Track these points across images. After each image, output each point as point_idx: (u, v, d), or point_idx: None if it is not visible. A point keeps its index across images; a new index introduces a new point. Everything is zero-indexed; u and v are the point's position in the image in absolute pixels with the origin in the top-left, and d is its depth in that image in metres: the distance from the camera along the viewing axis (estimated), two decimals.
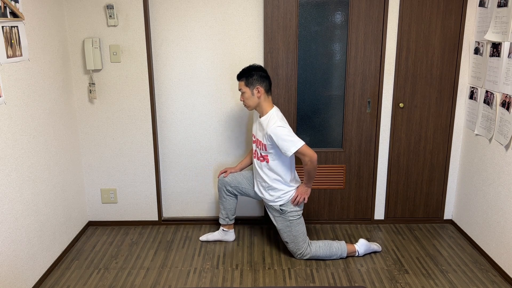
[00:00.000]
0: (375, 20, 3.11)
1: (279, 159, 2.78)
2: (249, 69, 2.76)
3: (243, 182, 3.04)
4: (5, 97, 2.36)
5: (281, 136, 2.65)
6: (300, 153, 2.66)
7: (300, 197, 2.82)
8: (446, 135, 3.31)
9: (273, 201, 2.87)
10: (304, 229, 2.89)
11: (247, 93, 2.75)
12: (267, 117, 2.75)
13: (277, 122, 2.67)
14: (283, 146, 2.66)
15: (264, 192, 2.90)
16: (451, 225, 3.46)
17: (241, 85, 2.76)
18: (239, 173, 3.08)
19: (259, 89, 2.73)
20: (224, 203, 3.08)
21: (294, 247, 2.90)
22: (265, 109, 2.78)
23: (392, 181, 3.39)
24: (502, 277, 2.75)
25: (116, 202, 3.45)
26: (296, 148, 2.64)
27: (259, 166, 2.87)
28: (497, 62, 2.77)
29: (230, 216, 3.11)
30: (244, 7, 3.11)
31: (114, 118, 3.28)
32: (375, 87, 3.23)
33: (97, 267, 2.89)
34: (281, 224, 2.89)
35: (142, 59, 3.16)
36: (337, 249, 2.91)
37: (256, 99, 2.75)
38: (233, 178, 3.05)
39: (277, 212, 2.89)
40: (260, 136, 2.81)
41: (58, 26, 2.98)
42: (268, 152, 2.78)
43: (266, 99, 2.77)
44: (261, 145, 2.80)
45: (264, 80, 2.75)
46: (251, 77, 2.73)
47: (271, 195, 2.87)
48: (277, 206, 2.86)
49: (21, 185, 2.51)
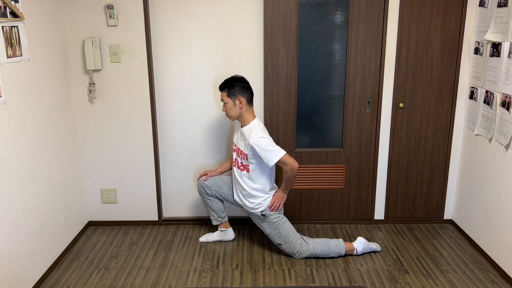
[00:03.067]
0: (375, 20, 3.11)
1: (260, 168, 2.83)
2: (231, 80, 2.82)
3: (223, 188, 3.06)
4: (5, 97, 2.36)
5: (263, 146, 2.70)
6: (282, 162, 2.72)
7: (277, 202, 2.88)
8: (446, 135, 3.31)
9: (253, 208, 2.91)
10: (291, 226, 2.92)
11: (229, 103, 2.80)
12: (249, 127, 2.80)
13: (258, 133, 2.73)
14: (265, 156, 2.71)
15: (244, 200, 2.94)
16: (451, 225, 3.46)
17: (223, 95, 2.82)
18: (219, 177, 3.10)
19: (241, 99, 2.78)
20: (210, 204, 3.09)
21: (288, 247, 2.91)
22: (247, 120, 2.82)
23: (392, 181, 3.40)
24: (502, 277, 2.75)
25: (116, 202, 3.45)
26: (278, 157, 2.70)
27: (239, 175, 2.90)
28: (497, 62, 2.77)
29: (221, 214, 3.12)
30: (244, 7, 3.11)
31: (114, 118, 3.28)
32: (375, 87, 3.23)
33: (97, 267, 2.89)
34: (268, 228, 2.92)
35: (142, 59, 3.16)
36: (335, 246, 2.92)
37: (238, 110, 2.80)
38: (213, 182, 3.06)
39: (259, 219, 2.93)
40: (241, 145, 2.85)
41: (58, 26, 2.98)
42: (249, 162, 2.82)
43: (248, 109, 2.82)
44: (242, 155, 2.84)
45: (246, 91, 2.81)
46: (233, 88, 2.78)
47: (251, 203, 2.90)
48: (258, 212, 2.90)
49: (21, 185, 2.51)
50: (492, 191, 2.88)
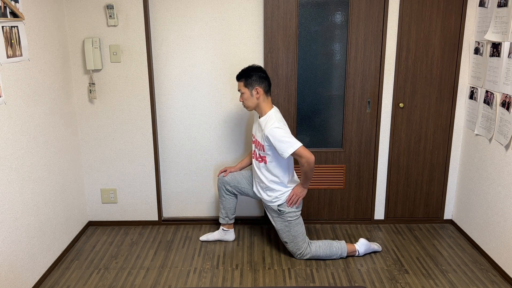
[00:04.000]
0: (375, 20, 3.12)
1: (277, 160, 2.78)
2: (248, 70, 2.76)
3: (242, 182, 3.04)
4: (5, 97, 2.36)
5: (278, 137, 2.64)
6: (297, 154, 2.66)
7: (295, 197, 2.82)
8: (446, 135, 3.31)
9: (271, 201, 2.87)
10: (303, 229, 2.89)
11: (246, 93, 2.75)
12: (265, 118, 2.76)
13: (274, 123, 2.67)
14: (280, 148, 2.65)
15: (262, 193, 2.91)
16: (451, 225, 3.46)
17: (240, 85, 2.77)
18: (239, 172, 3.08)
19: (258, 89, 2.73)
20: (224, 202, 3.08)
21: (293, 247, 2.90)
22: (264, 110, 2.78)
23: (392, 181, 3.40)
24: (502, 277, 2.75)
25: (116, 202, 3.45)
26: (293, 149, 2.64)
27: (258, 167, 2.88)
28: (497, 62, 2.77)
29: (230, 215, 3.12)
30: (244, 7, 3.11)
31: (114, 118, 3.28)
32: (375, 87, 3.23)
33: (97, 267, 2.89)
34: (280, 224, 2.89)
35: (142, 59, 3.16)
36: (337, 248, 2.91)
37: (255, 100, 2.75)
38: (233, 177, 3.05)
39: (275, 213, 2.89)
40: (259, 136, 2.81)
41: (58, 26, 2.98)
42: (266, 153, 2.78)
43: (265, 99, 2.77)
44: (260, 146, 2.80)
45: (263, 81, 2.74)
46: (250, 78, 2.73)
47: (269, 196, 2.87)
48: (275, 206, 2.86)
49: (21, 185, 2.51)
50: (492, 191, 2.88)
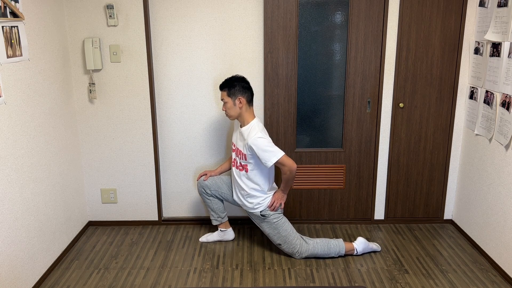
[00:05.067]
0: (375, 20, 3.12)
1: (258, 168, 2.83)
2: (232, 80, 2.82)
3: (223, 187, 3.06)
4: (5, 97, 2.36)
5: (261, 147, 2.69)
6: (280, 163, 2.72)
7: (277, 202, 2.87)
8: (446, 135, 3.31)
9: (253, 208, 2.91)
10: (291, 227, 2.92)
11: (229, 103, 2.80)
12: (248, 127, 2.80)
13: (257, 133, 2.72)
14: (263, 157, 2.70)
15: (243, 200, 2.94)
16: (451, 225, 3.46)
17: (223, 95, 2.81)
18: (219, 177, 3.10)
19: (241, 99, 2.78)
20: (210, 204, 3.09)
21: (288, 247, 2.91)
22: (247, 120, 2.82)
23: (392, 181, 3.40)
24: (502, 277, 2.75)
25: (116, 202, 3.45)
26: (277, 158, 2.70)
27: (238, 175, 2.90)
28: (497, 62, 2.77)
29: (221, 214, 3.12)
30: (244, 7, 3.11)
31: (114, 118, 3.28)
32: (375, 87, 3.23)
33: (97, 267, 2.89)
34: (267, 228, 2.92)
35: (142, 59, 3.16)
36: (335, 246, 2.92)
37: (238, 109, 2.80)
38: (213, 182, 3.07)
39: (259, 219, 2.93)
40: (240, 145, 2.85)
41: (58, 26, 2.98)
42: (248, 162, 2.82)
43: (247, 109, 2.82)
44: (241, 155, 2.83)
45: (246, 91, 2.80)
46: (233, 88, 2.78)
47: (250, 203, 2.90)
48: (258, 212, 2.90)
49: (21, 185, 2.51)
50: (492, 191, 2.88)
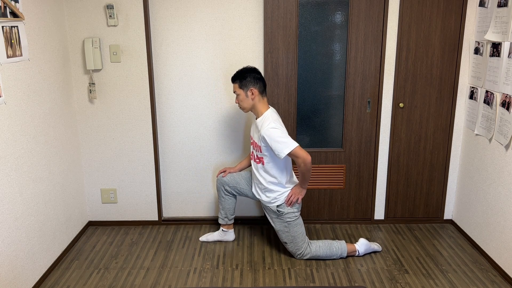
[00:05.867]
0: (375, 20, 3.12)
1: (274, 161, 2.78)
2: (243, 71, 2.77)
3: (241, 183, 3.04)
4: (5, 97, 2.36)
5: (274, 137, 2.65)
6: (293, 155, 2.66)
7: (294, 197, 2.82)
8: (446, 135, 3.31)
9: (269, 202, 2.87)
10: (303, 230, 2.89)
11: (241, 95, 2.76)
12: (262, 118, 2.76)
13: (271, 123, 2.67)
14: (276, 148, 2.66)
15: (261, 194, 2.91)
16: (451, 225, 3.46)
17: (235, 87, 2.77)
18: (238, 173, 3.08)
19: (253, 90, 2.73)
20: (223, 202, 3.08)
21: (293, 248, 2.90)
22: (260, 111, 2.78)
23: (392, 181, 3.40)
24: (502, 277, 2.75)
25: (116, 202, 3.45)
26: (289, 150, 2.64)
27: (256, 168, 2.88)
28: (497, 62, 2.78)
29: (229, 216, 3.12)
30: (244, 7, 3.11)
31: (114, 118, 3.28)
32: (375, 87, 3.23)
33: (97, 267, 2.89)
34: (279, 225, 2.89)
35: (142, 59, 3.16)
36: (337, 248, 2.91)
37: (251, 101, 2.76)
38: (232, 178, 3.05)
39: (274, 214, 2.89)
40: (256, 138, 2.82)
41: (58, 26, 2.98)
42: (263, 154, 2.78)
43: (260, 100, 2.77)
44: (257, 147, 2.81)
45: (258, 81, 2.75)
46: (245, 79, 2.73)
47: (267, 197, 2.87)
48: (274, 207, 2.86)
49: (21, 185, 2.51)
50: (492, 191, 2.88)
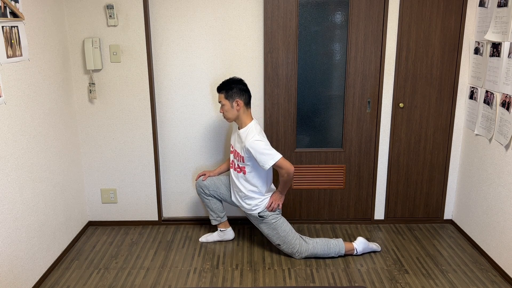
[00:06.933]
0: (375, 20, 3.12)
1: (256, 171, 2.83)
2: (229, 82, 2.81)
3: (221, 188, 3.06)
4: (5, 97, 2.36)
5: (259, 150, 2.69)
6: (277, 166, 2.72)
7: (274, 203, 2.88)
8: (446, 135, 3.31)
9: (250, 210, 2.91)
10: (290, 227, 2.92)
11: (226, 105, 2.79)
12: (245, 130, 2.79)
13: (255, 136, 2.72)
14: (261, 160, 2.71)
15: (241, 201, 2.94)
16: (451, 225, 3.46)
17: (221, 97, 2.81)
18: (218, 178, 3.10)
19: (239, 102, 2.77)
20: (209, 204, 3.10)
21: (288, 247, 2.91)
22: (244, 122, 2.82)
23: (392, 181, 3.40)
24: (502, 277, 2.75)
25: (116, 202, 3.45)
26: (274, 161, 2.70)
27: (236, 177, 2.91)
28: (497, 62, 2.78)
29: (220, 214, 3.13)
30: (244, 7, 3.11)
31: (114, 118, 3.28)
32: (375, 87, 3.23)
33: (97, 267, 2.89)
34: (266, 229, 2.92)
35: (142, 59, 3.16)
36: (335, 246, 2.92)
37: (236, 112, 2.80)
38: (212, 182, 3.07)
39: (257, 220, 2.93)
40: (238, 147, 2.85)
41: (58, 26, 2.98)
42: (245, 164, 2.82)
43: (245, 112, 2.81)
44: (239, 157, 2.84)
45: (244, 93, 2.80)
46: (231, 90, 2.78)
47: (248, 204, 2.90)
48: (255, 214, 2.90)
49: (21, 185, 2.51)
50: (492, 191, 2.88)
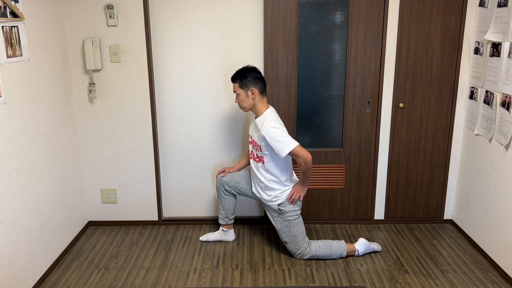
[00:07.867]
0: (375, 20, 3.12)
1: (274, 160, 2.79)
2: (243, 71, 2.77)
3: (241, 182, 3.04)
4: (5, 97, 2.36)
5: (274, 137, 2.65)
6: (293, 154, 2.66)
7: (296, 194, 2.82)
8: (446, 135, 3.31)
9: (270, 201, 2.88)
10: (303, 229, 2.90)
11: (241, 95, 2.76)
12: (262, 118, 2.76)
13: (271, 123, 2.68)
14: (276, 147, 2.66)
15: (261, 192, 2.91)
16: (451, 225, 3.46)
17: (236, 87, 2.77)
18: (237, 173, 3.08)
19: (254, 90, 2.73)
20: (223, 202, 3.08)
21: (293, 247, 2.90)
22: (260, 110, 2.78)
23: (392, 181, 3.40)
24: (502, 277, 2.75)
25: (116, 202, 3.45)
26: (290, 149, 2.64)
27: (256, 167, 2.88)
28: (497, 62, 2.78)
29: (230, 216, 3.12)
30: (244, 7, 3.11)
31: (114, 118, 3.28)
32: (375, 87, 3.23)
33: (97, 267, 2.89)
34: (280, 224, 2.89)
35: (142, 59, 3.16)
36: (337, 248, 2.91)
37: (251, 101, 2.76)
38: (231, 178, 3.05)
39: (275, 212, 2.89)
40: (255, 137, 2.82)
41: (58, 26, 2.98)
42: (263, 153, 2.78)
43: (260, 100, 2.78)
44: (257, 146, 2.81)
45: (258, 81, 2.75)
46: (245, 79, 2.73)
47: (268, 195, 2.87)
48: (275, 205, 2.86)
49: (21, 185, 2.51)
50: (492, 191, 2.88)
